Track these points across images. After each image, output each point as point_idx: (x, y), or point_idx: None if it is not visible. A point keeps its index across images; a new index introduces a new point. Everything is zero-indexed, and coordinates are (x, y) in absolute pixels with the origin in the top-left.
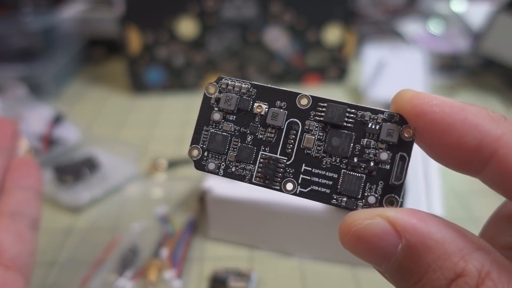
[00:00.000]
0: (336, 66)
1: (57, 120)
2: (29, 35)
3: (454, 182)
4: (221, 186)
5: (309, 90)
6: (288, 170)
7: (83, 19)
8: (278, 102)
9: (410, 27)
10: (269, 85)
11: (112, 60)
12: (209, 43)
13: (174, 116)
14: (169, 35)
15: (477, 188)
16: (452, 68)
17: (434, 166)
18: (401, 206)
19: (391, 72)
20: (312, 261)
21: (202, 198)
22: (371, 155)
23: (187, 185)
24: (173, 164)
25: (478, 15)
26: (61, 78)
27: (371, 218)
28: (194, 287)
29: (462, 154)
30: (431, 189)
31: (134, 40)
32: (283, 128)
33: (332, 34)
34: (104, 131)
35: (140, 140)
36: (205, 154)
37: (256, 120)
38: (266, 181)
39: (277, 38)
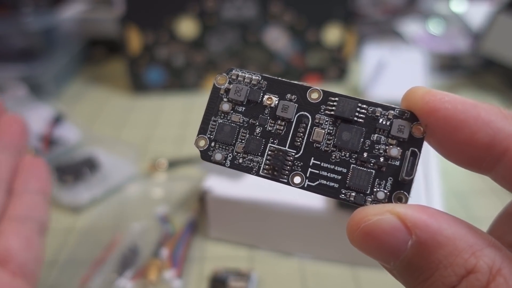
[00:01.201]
0: (336, 66)
1: (57, 120)
2: (29, 35)
3: (454, 182)
4: (221, 186)
5: None
6: (296, 163)
7: (83, 19)
8: (288, 95)
9: (410, 27)
10: (280, 78)
11: (112, 60)
12: (209, 43)
13: (174, 116)
14: (169, 35)
15: (477, 188)
16: (452, 68)
17: (434, 166)
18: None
19: (391, 72)
20: (312, 261)
21: (202, 198)
22: (381, 151)
23: (187, 185)
24: (173, 164)
25: (478, 15)
26: (61, 78)
27: (381, 214)
28: (194, 287)
29: (474, 151)
30: (431, 189)
31: (134, 40)
32: (293, 121)
33: (332, 34)
34: (104, 131)
35: (140, 140)
36: (212, 144)
37: (266, 112)
38: (275, 173)
39: (277, 38)
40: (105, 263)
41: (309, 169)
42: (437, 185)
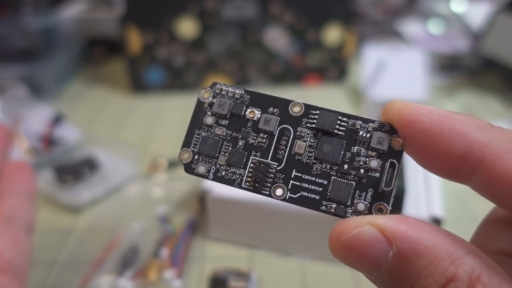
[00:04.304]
0: (336, 66)
1: (57, 120)
2: (29, 35)
3: (454, 183)
4: (221, 186)
5: (308, 91)
6: (278, 176)
7: (83, 19)
8: (271, 109)
9: (410, 27)
10: (262, 92)
11: (112, 60)
12: (209, 43)
13: (174, 116)
14: (169, 35)
15: None
16: (452, 68)
17: None
18: (391, 213)
19: (391, 72)
20: (312, 261)
21: (202, 198)
22: (361, 163)
23: (187, 185)
24: (173, 164)
25: (478, 15)
26: (61, 78)
27: (361, 226)
28: (194, 287)
29: (450, 162)
30: (431, 190)
31: (134, 40)
32: (275, 134)
33: (332, 34)
34: (104, 131)
35: (140, 140)
36: (196, 157)
37: (248, 125)
38: (256, 185)
39: (277, 38)
40: (105, 263)
41: (291, 181)
42: (437, 186)
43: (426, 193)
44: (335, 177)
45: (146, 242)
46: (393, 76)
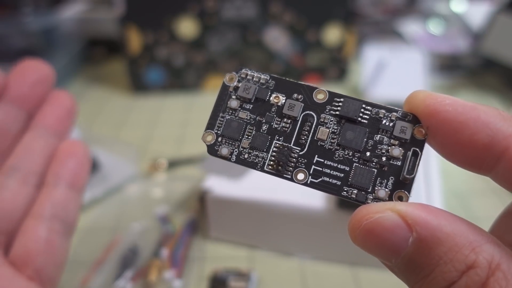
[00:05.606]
0: (336, 66)
1: None
2: (29, 35)
3: (455, 182)
4: (221, 186)
5: None
6: (300, 160)
7: (83, 19)
8: (295, 95)
9: (410, 27)
10: (287, 79)
11: (112, 60)
12: (209, 43)
13: (174, 116)
14: (169, 35)
15: (478, 188)
16: (452, 68)
17: (435, 166)
18: None
19: (391, 72)
20: (312, 261)
21: (202, 198)
22: (383, 151)
23: (187, 185)
24: (173, 164)
25: (478, 15)
26: (61, 78)
27: (382, 211)
28: (194, 287)
29: (474, 151)
30: (431, 189)
31: (134, 40)
32: (299, 120)
33: (332, 34)
34: (104, 131)
35: (140, 140)
36: (219, 139)
37: (273, 110)
38: (279, 168)
39: (277, 38)
40: (105, 263)
41: (313, 166)
42: (438, 185)
43: (426, 192)
44: (357, 164)
45: (146, 242)
46: (393, 76)
